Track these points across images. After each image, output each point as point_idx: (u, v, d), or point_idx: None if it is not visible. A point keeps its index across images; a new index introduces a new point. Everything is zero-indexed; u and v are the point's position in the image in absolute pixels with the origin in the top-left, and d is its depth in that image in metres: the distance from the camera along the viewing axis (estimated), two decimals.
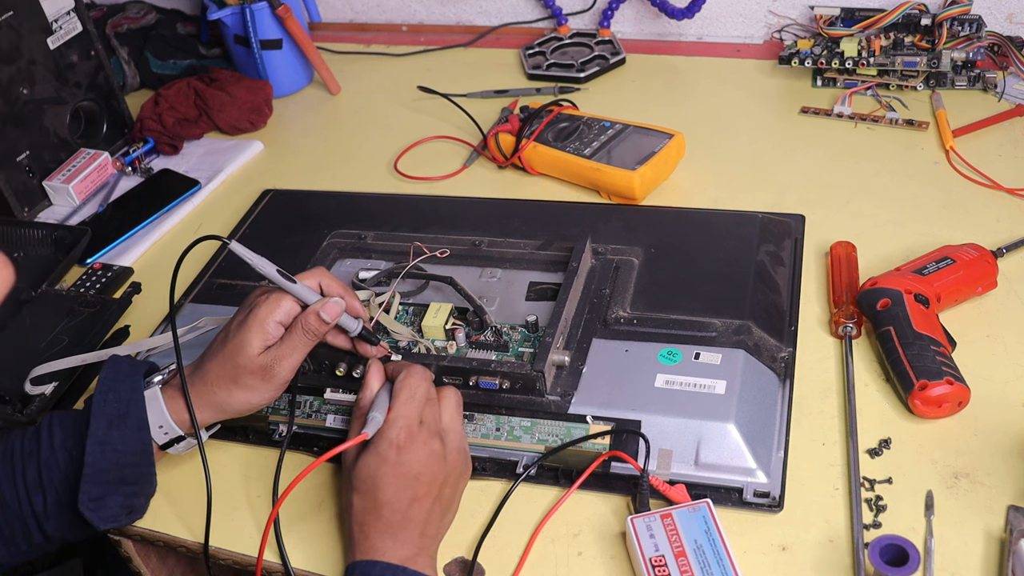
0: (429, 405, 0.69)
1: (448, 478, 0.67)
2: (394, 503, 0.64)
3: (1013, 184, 0.94)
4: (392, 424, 0.66)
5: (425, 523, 0.65)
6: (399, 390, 0.68)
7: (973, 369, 0.74)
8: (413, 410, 0.67)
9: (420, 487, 0.65)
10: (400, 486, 0.64)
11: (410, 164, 1.14)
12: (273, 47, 1.30)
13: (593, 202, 1.01)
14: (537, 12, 1.39)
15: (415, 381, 0.69)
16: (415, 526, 0.65)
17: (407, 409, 0.67)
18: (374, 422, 0.67)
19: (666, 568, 0.62)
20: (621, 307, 0.82)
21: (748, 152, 1.06)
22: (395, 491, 0.64)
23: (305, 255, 0.94)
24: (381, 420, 0.67)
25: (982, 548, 0.63)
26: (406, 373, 0.70)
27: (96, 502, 0.69)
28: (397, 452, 0.65)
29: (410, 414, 0.67)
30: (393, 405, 0.68)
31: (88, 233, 1.04)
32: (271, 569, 0.71)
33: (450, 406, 0.71)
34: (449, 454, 0.67)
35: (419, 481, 0.65)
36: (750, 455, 0.69)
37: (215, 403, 0.72)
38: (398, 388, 0.69)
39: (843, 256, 0.86)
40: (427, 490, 0.65)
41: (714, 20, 1.29)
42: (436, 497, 0.66)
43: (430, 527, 0.66)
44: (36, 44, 1.11)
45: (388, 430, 0.66)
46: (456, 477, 0.68)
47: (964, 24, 1.07)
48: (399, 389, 0.68)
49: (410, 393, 0.68)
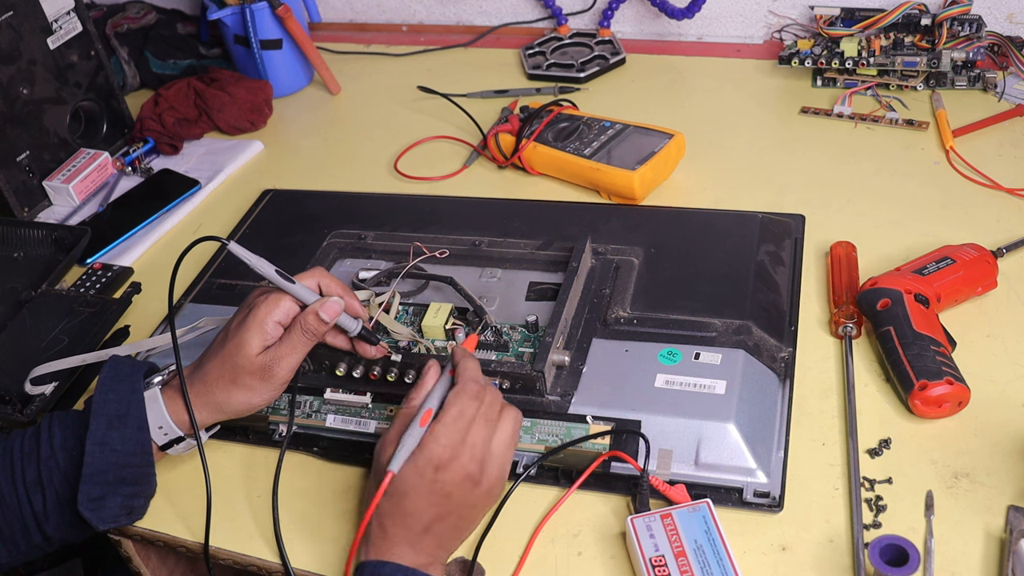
0: (480, 425, 0.65)
1: (479, 503, 0.65)
2: (420, 515, 0.63)
3: (1013, 184, 0.94)
4: (435, 440, 0.63)
5: (445, 538, 0.65)
6: (449, 405, 0.65)
7: (973, 369, 0.74)
8: (458, 430, 0.64)
9: (449, 506, 0.64)
10: (429, 502, 0.63)
11: (410, 164, 1.14)
12: (273, 47, 1.30)
13: (593, 202, 1.01)
14: (537, 12, 1.39)
15: (466, 400, 0.65)
16: (434, 539, 0.64)
17: (453, 428, 0.64)
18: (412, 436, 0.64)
19: (666, 568, 0.62)
20: (621, 307, 0.82)
21: (748, 152, 1.06)
22: (424, 505, 0.63)
23: (305, 255, 0.94)
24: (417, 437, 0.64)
25: (982, 548, 0.63)
26: (460, 387, 0.66)
27: (95, 502, 0.69)
28: (435, 470, 0.63)
29: (453, 433, 0.64)
30: (441, 417, 0.64)
31: (88, 233, 1.04)
32: (271, 569, 0.71)
33: (505, 432, 0.67)
34: (486, 480, 0.65)
35: (449, 500, 0.63)
36: (750, 455, 0.69)
37: (215, 403, 0.72)
38: (449, 402, 0.65)
39: (843, 256, 0.86)
40: (455, 510, 0.64)
41: (714, 20, 1.29)
42: (461, 516, 0.65)
43: (448, 541, 0.65)
44: (36, 44, 1.11)
45: (431, 445, 0.63)
46: (487, 503, 0.67)
47: (964, 24, 1.07)
48: (449, 404, 0.65)
49: (459, 412, 0.65)
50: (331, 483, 0.75)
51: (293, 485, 0.75)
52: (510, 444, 0.67)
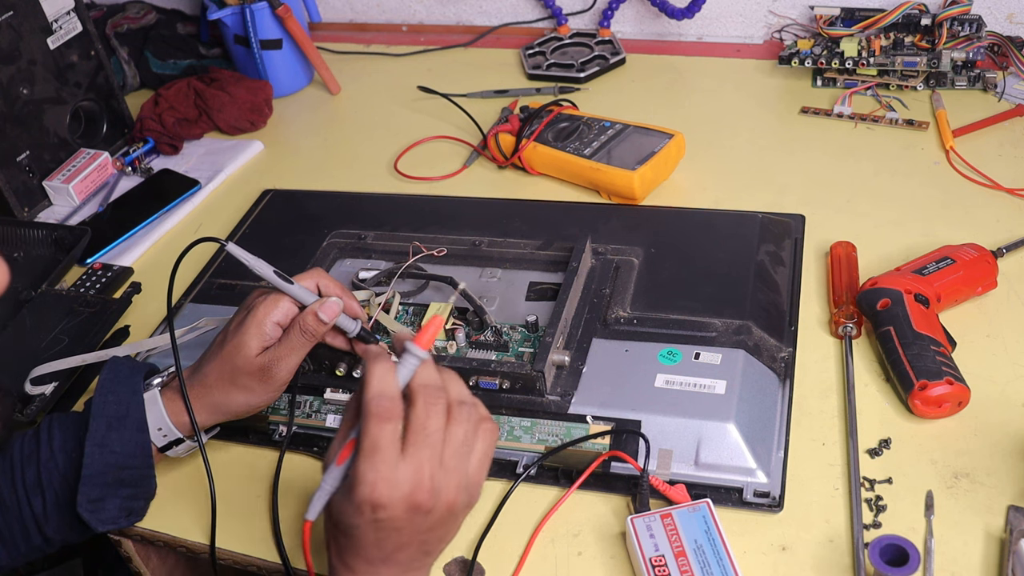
0: (419, 448, 0.54)
1: (439, 525, 0.56)
2: (376, 548, 0.56)
3: (1013, 184, 0.93)
4: (362, 480, 0.53)
5: (415, 561, 0.58)
6: (362, 433, 0.53)
7: (973, 369, 0.74)
8: (384, 462, 0.53)
9: (402, 537, 0.55)
10: (379, 538, 0.55)
11: (410, 164, 1.14)
12: (273, 47, 1.30)
13: (593, 202, 1.01)
14: (537, 12, 1.39)
15: (374, 426, 0.53)
16: (400, 566, 0.57)
17: (378, 461, 0.53)
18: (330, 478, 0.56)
19: (666, 568, 0.62)
20: (621, 307, 0.82)
21: (748, 152, 1.06)
22: (374, 540, 0.55)
23: (305, 255, 0.94)
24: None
25: (982, 548, 0.63)
26: (364, 408, 0.54)
27: (95, 504, 0.69)
28: (372, 510, 0.53)
29: (381, 467, 0.53)
30: (359, 451, 0.53)
31: (88, 233, 1.04)
32: (271, 569, 0.71)
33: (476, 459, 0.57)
34: (441, 505, 0.55)
35: (401, 534, 0.55)
36: (750, 455, 0.69)
37: (214, 405, 0.72)
38: (362, 430, 0.54)
39: (843, 256, 0.86)
40: (412, 539, 0.56)
41: (714, 20, 1.29)
42: (424, 541, 0.56)
43: (420, 561, 0.58)
44: (36, 44, 1.11)
45: (359, 487, 0.53)
46: (453, 521, 0.57)
47: (964, 24, 1.07)
48: (362, 432, 0.54)
49: (372, 443, 0.53)
50: None
51: (293, 485, 0.75)
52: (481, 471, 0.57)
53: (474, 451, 0.57)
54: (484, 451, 0.57)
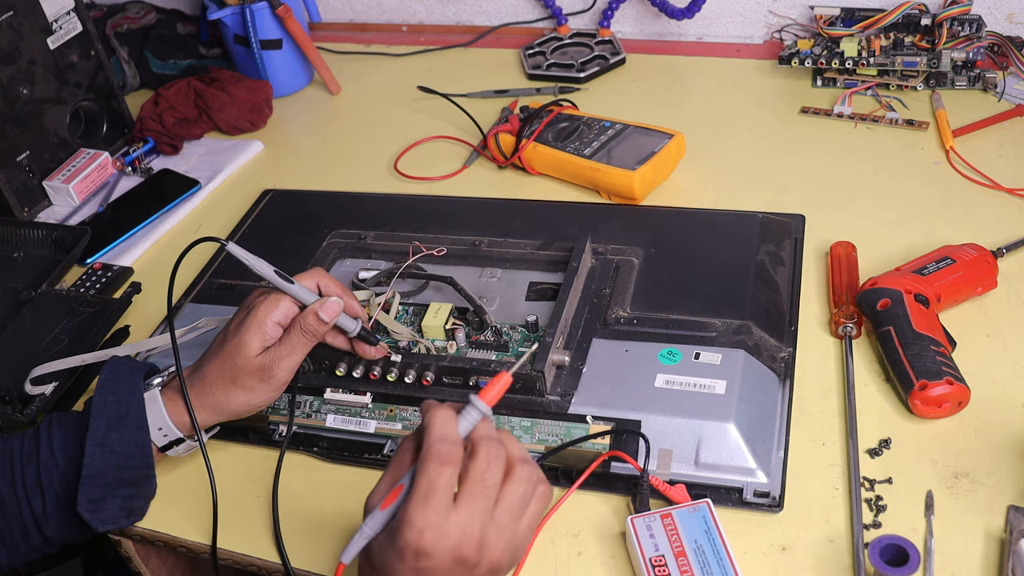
0: (473, 499, 0.53)
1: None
2: None
3: (1013, 184, 0.93)
4: (410, 525, 0.51)
5: None
6: (417, 476, 0.52)
7: (973, 369, 0.74)
8: (435, 508, 0.52)
9: None
10: None
11: (410, 164, 1.14)
12: (273, 47, 1.30)
13: (593, 202, 1.01)
14: (537, 12, 1.39)
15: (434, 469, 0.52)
16: None
17: (430, 507, 0.52)
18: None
19: (666, 568, 0.62)
20: (621, 307, 0.82)
21: (748, 152, 1.06)
22: None
23: (305, 255, 0.94)
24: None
25: (982, 548, 0.63)
26: (424, 451, 0.53)
27: (95, 504, 0.69)
28: (415, 558, 0.52)
29: (431, 514, 0.52)
30: (411, 495, 0.52)
31: (88, 233, 1.04)
32: (271, 569, 0.71)
33: (527, 521, 0.55)
34: (486, 561, 0.53)
35: None
36: (750, 455, 0.69)
37: (214, 404, 0.72)
38: (417, 472, 0.52)
39: (843, 256, 0.86)
40: None
41: (714, 20, 1.29)
42: None
43: None
44: (36, 44, 1.11)
45: (405, 530, 0.51)
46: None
47: (964, 24, 1.07)
48: (417, 474, 0.52)
49: (428, 485, 0.52)
50: (331, 483, 0.75)
51: (293, 485, 0.75)
52: (529, 531, 0.56)
53: (527, 512, 0.55)
54: (536, 513, 0.56)
